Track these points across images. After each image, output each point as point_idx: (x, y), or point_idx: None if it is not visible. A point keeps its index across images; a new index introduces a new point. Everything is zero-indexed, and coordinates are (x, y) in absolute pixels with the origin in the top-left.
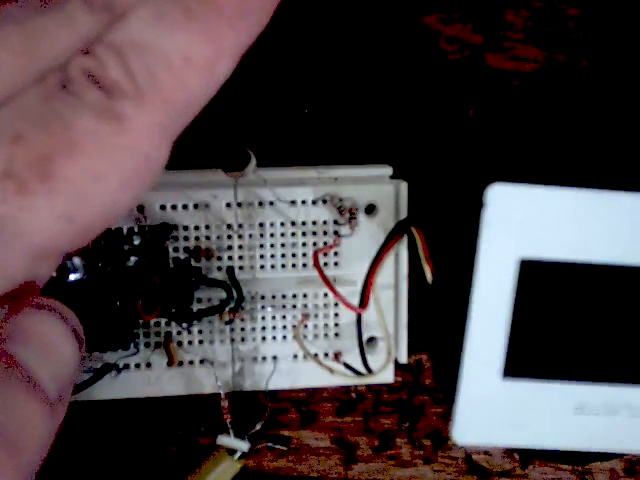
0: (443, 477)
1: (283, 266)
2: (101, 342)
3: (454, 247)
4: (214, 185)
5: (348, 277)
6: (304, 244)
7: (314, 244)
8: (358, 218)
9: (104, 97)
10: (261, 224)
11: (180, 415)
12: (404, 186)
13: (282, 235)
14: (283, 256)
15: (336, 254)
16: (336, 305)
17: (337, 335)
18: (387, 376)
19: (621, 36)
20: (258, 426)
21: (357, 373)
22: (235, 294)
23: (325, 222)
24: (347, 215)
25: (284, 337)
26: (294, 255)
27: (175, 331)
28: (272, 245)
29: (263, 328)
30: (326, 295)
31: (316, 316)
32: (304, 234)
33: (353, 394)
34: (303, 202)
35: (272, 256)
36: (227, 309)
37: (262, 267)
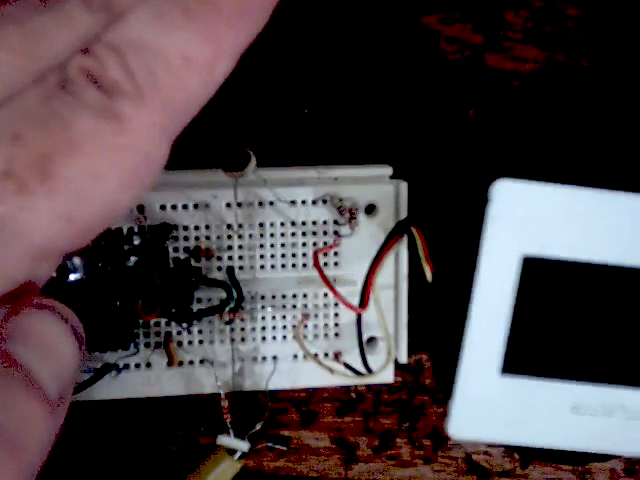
0: (443, 477)
1: (283, 266)
2: (101, 342)
3: (454, 247)
4: (214, 185)
5: (348, 277)
6: (304, 244)
7: (314, 244)
8: (358, 218)
9: (103, 97)
10: (261, 224)
11: (180, 415)
12: (404, 186)
13: (282, 235)
14: (283, 256)
15: (336, 254)
16: (336, 305)
17: (337, 335)
18: (387, 376)
19: (621, 36)
20: (258, 426)
21: (357, 373)
22: (235, 294)
23: (325, 222)
24: (347, 215)
25: (284, 337)
26: (294, 255)
27: (175, 331)
28: (272, 245)
29: (263, 328)
30: (326, 295)
31: (316, 316)
32: (304, 234)
33: (353, 394)
34: (303, 202)
35: (272, 256)
36: (227, 309)
37: (262, 267)
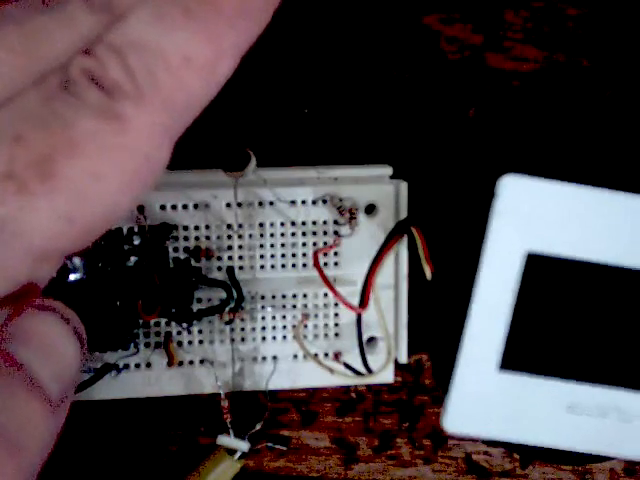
0: (443, 477)
1: (283, 266)
2: (101, 342)
3: (455, 246)
4: (214, 185)
5: (348, 277)
6: (304, 244)
7: (314, 244)
8: (358, 218)
9: (104, 97)
10: (261, 224)
11: (180, 415)
12: (404, 186)
13: (282, 235)
14: (283, 256)
15: (336, 254)
16: (336, 305)
17: (337, 335)
18: (387, 376)
19: (621, 36)
20: (258, 426)
21: (357, 373)
22: (235, 294)
23: (325, 222)
24: (347, 215)
25: (284, 337)
26: (294, 255)
27: (175, 331)
28: (272, 245)
29: (263, 328)
30: (326, 295)
31: (316, 316)
32: (304, 234)
33: (353, 394)
34: (303, 202)
35: (272, 256)
36: (227, 309)
37: (262, 267)
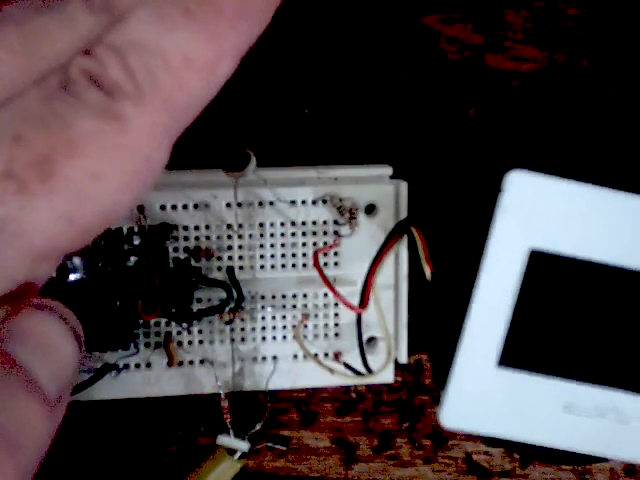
0: (443, 477)
1: (283, 266)
2: (101, 342)
3: (455, 246)
4: (214, 185)
5: (348, 277)
6: (304, 244)
7: (314, 244)
8: (358, 218)
9: (104, 97)
10: (261, 224)
11: (180, 415)
12: (404, 186)
13: (282, 235)
14: (283, 256)
15: (336, 254)
16: (336, 305)
17: (337, 335)
18: (387, 376)
19: (621, 36)
20: (258, 426)
21: (357, 373)
22: (235, 294)
23: (325, 222)
24: (347, 215)
25: (284, 337)
26: (294, 255)
27: (175, 331)
28: (272, 245)
29: (263, 328)
30: (326, 295)
31: (316, 316)
32: (304, 234)
33: (353, 394)
34: (303, 202)
35: (272, 256)
36: (227, 309)
37: (262, 267)
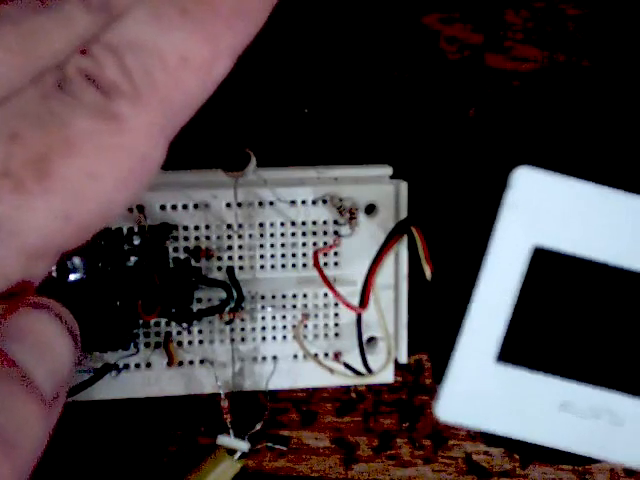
0: (443, 477)
1: (283, 266)
2: (101, 342)
3: (455, 247)
4: (214, 185)
5: (348, 277)
6: (304, 244)
7: (314, 244)
8: (358, 218)
9: (101, 97)
10: (261, 224)
11: (180, 415)
12: (404, 186)
13: (282, 235)
14: (283, 256)
15: (336, 254)
16: (336, 305)
17: (337, 335)
18: (387, 376)
19: (621, 36)
20: (258, 426)
21: (357, 373)
22: (235, 294)
23: (325, 222)
24: (347, 215)
25: (284, 337)
26: (294, 255)
27: (175, 331)
28: (272, 245)
29: (263, 328)
30: (326, 295)
31: (316, 316)
32: (304, 234)
33: (353, 394)
34: (303, 202)
35: (272, 256)
36: (227, 309)
37: (262, 267)
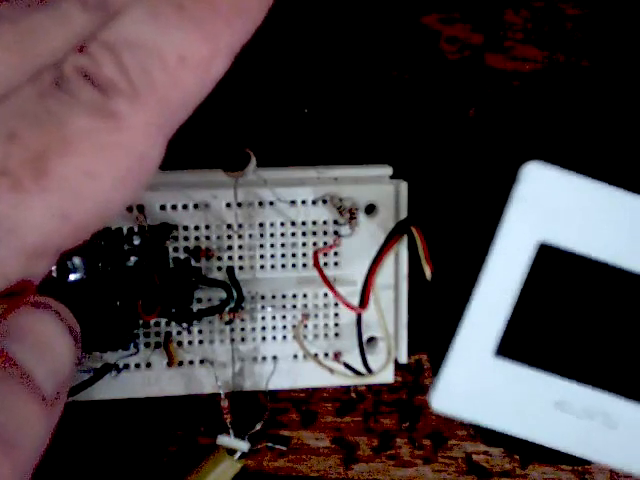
0: (443, 477)
1: (283, 266)
2: (101, 342)
3: (455, 247)
4: (214, 185)
5: (348, 277)
6: (304, 244)
7: (314, 244)
8: (358, 218)
9: (99, 94)
10: (261, 224)
11: (180, 415)
12: (404, 186)
13: (282, 235)
14: (283, 256)
15: (336, 254)
16: (336, 305)
17: (337, 335)
18: (387, 376)
19: (621, 36)
20: (258, 426)
21: (357, 373)
22: (235, 294)
23: (325, 222)
24: (347, 215)
25: (284, 337)
26: (294, 255)
27: (175, 331)
28: (272, 245)
29: (263, 328)
30: (326, 295)
31: (316, 316)
32: (304, 234)
33: (353, 394)
34: (303, 202)
35: (272, 256)
36: (227, 309)
37: (262, 267)
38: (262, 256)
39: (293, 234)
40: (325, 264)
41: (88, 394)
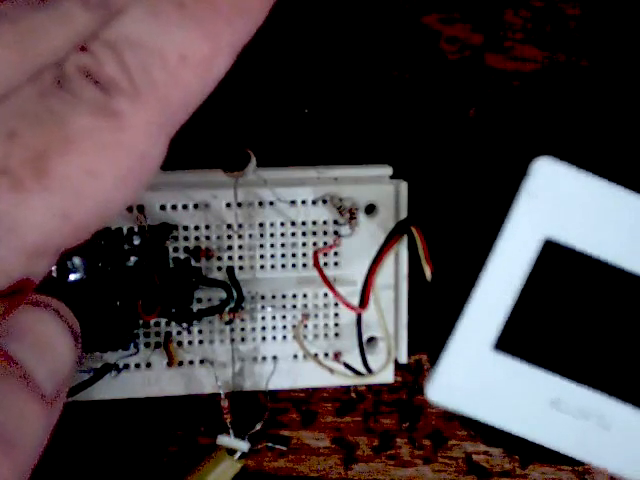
0: (443, 477)
1: (283, 266)
2: (101, 342)
3: (455, 247)
4: (214, 185)
5: (348, 277)
6: (304, 244)
7: (314, 244)
8: (358, 218)
9: (100, 93)
10: (261, 224)
11: (180, 415)
12: (404, 186)
13: (282, 235)
14: (283, 256)
15: (336, 254)
16: (336, 305)
17: (337, 335)
18: (387, 376)
19: (621, 36)
20: (258, 426)
21: (357, 373)
22: (235, 294)
23: (325, 222)
24: (347, 215)
25: (284, 337)
26: (294, 255)
27: (175, 331)
28: (272, 245)
29: (263, 328)
30: (326, 295)
31: (316, 316)
32: (304, 234)
33: (353, 394)
34: (303, 202)
35: (272, 256)
36: (227, 309)
37: (262, 267)
38: (262, 256)
39: (293, 234)
40: (325, 264)
41: (88, 394)
